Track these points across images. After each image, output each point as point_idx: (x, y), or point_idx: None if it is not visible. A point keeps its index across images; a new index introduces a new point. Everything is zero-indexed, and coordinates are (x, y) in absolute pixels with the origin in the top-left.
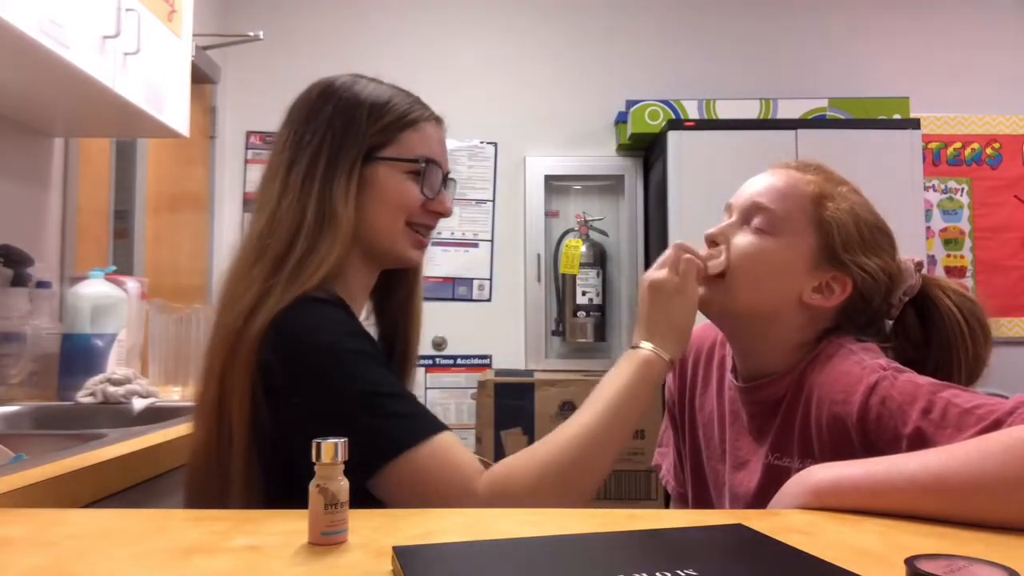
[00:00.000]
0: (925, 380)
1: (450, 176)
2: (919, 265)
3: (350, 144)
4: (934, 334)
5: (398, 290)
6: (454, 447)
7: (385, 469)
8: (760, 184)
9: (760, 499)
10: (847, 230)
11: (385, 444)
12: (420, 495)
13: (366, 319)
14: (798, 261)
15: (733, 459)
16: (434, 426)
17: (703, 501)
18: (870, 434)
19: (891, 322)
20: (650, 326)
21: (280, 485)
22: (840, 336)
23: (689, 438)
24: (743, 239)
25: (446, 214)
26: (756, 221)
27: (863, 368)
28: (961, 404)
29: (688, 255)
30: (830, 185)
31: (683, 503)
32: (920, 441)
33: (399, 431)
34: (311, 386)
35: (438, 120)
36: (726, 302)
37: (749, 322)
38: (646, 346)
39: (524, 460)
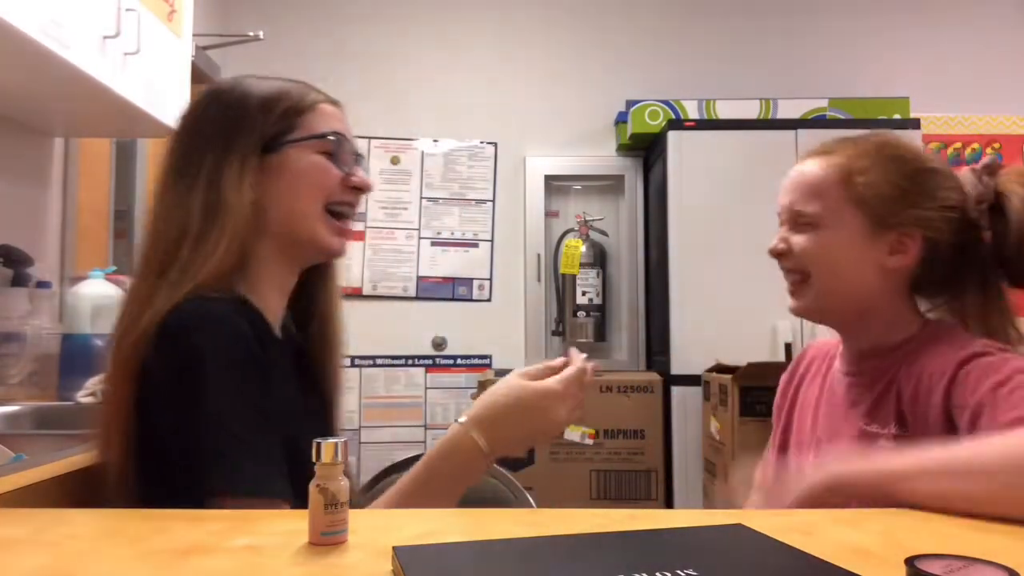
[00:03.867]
0: (1008, 359)
1: (360, 154)
2: (984, 168)
3: (242, 136)
4: (1018, 228)
5: (316, 293)
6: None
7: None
8: (792, 186)
9: None
10: (884, 194)
11: (202, 480)
12: None
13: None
14: (855, 239)
15: (824, 435)
16: (251, 486)
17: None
18: (951, 400)
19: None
20: (508, 429)
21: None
22: (944, 320)
23: (783, 427)
24: (801, 241)
25: (366, 188)
26: (800, 221)
27: (965, 344)
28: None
29: (584, 380)
30: (855, 157)
31: None
32: (978, 413)
33: (217, 472)
34: (171, 394)
35: (335, 102)
36: (819, 300)
37: (849, 308)
38: (472, 434)
39: None
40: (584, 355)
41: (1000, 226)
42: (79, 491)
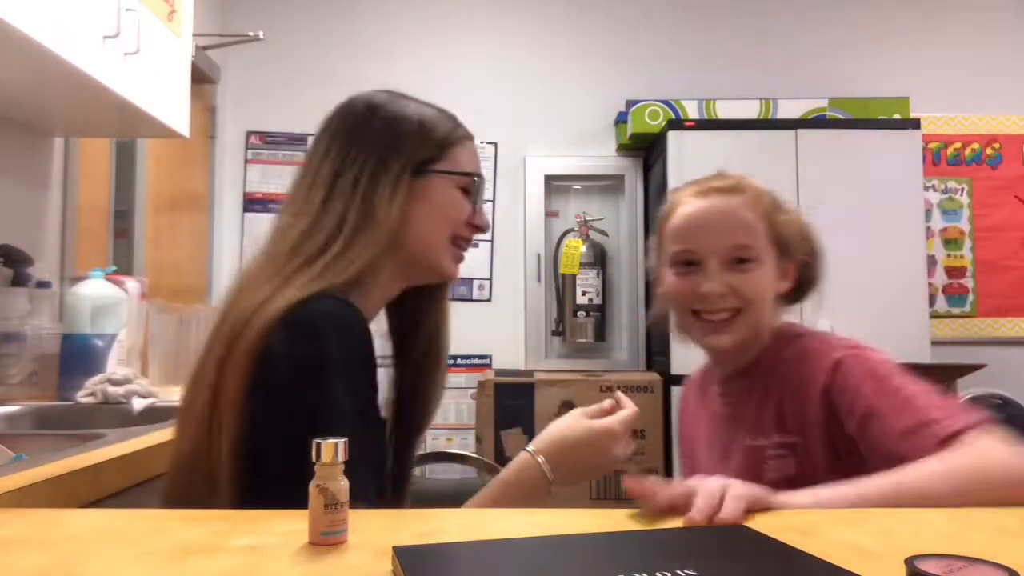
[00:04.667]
0: (880, 359)
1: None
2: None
3: (398, 156)
4: (812, 256)
5: (428, 312)
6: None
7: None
8: (724, 226)
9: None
10: (788, 233)
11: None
12: None
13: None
14: (773, 270)
15: (716, 458)
16: (365, 494)
17: None
18: (832, 400)
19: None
20: (571, 460)
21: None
22: (785, 321)
23: (689, 466)
24: (740, 279)
25: (486, 229)
26: (743, 257)
27: (829, 345)
28: (906, 391)
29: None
30: (762, 197)
31: None
32: (867, 420)
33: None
34: (289, 386)
35: (472, 138)
36: (749, 332)
37: (762, 335)
38: (545, 467)
39: None
40: (619, 393)
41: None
42: (87, 489)
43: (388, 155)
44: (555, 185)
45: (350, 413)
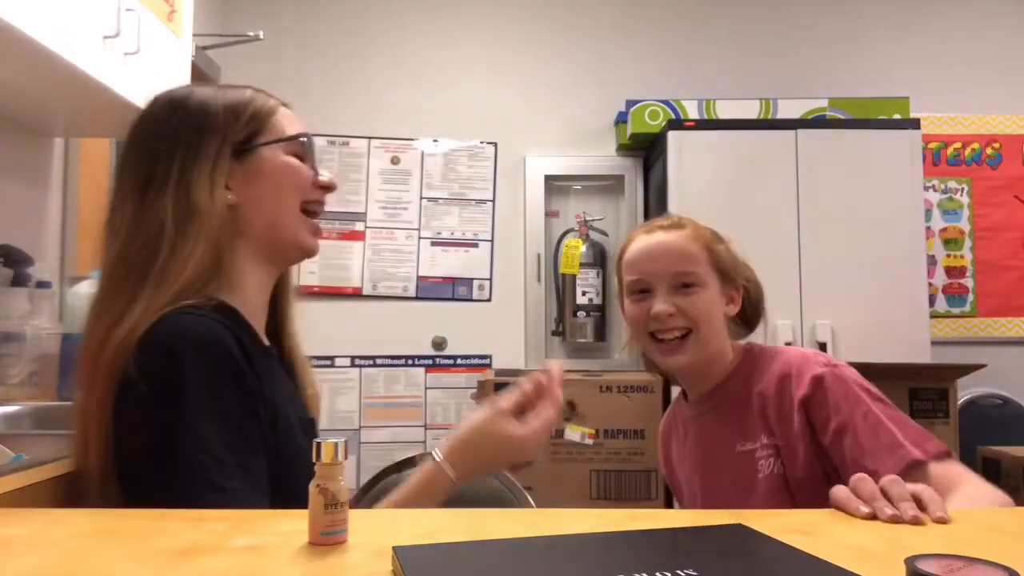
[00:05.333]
0: (855, 379)
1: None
2: None
3: (209, 143)
4: (754, 285)
5: (278, 301)
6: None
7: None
8: (667, 256)
9: (737, 486)
10: (727, 261)
11: (179, 500)
12: None
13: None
14: (716, 294)
15: (710, 473)
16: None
17: None
18: (809, 412)
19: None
20: (470, 451)
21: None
22: (750, 344)
23: (685, 496)
24: (686, 300)
25: (334, 187)
26: (687, 283)
27: (808, 360)
28: (877, 414)
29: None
30: (702, 232)
31: None
32: (841, 433)
33: (195, 495)
34: (144, 414)
35: (288, 105)
36: (701, 351)
37: (713, 354)
38: (445, 464)
39: None
40: (557, 365)
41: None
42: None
43: (199, 143)
44: (555, 185)
45: (215, 436)
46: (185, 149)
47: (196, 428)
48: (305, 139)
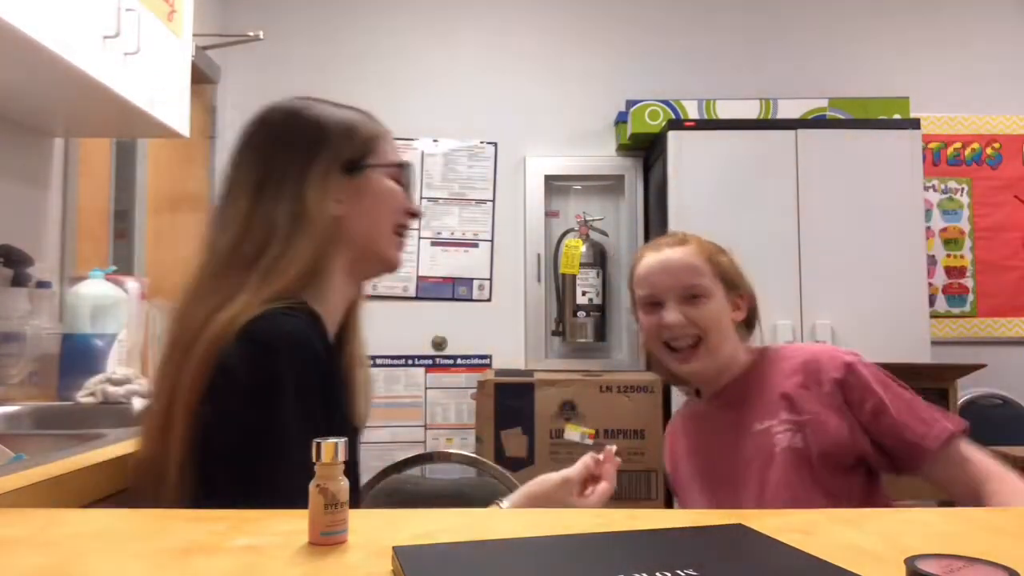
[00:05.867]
0: (877, 367)
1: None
2: None
3: (322, 156)
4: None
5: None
6: None
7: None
8: (672, 271)
9: (753, 463)
10: (731, 271)
11: (259, 498)
12: None
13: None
14: (723, 303)
15: (725, 457)
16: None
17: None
18: (846, 393)
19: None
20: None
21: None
22: (767, 344)
23: (707, 494)
24: (694, 311)
25: (420, 214)
26: (695, 294)
27: (834, 349)
28: (906, 395)
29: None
30: (705, 246)
31: None
32: (879, 411)
33: (274, 495)
34: (240, 404)
35: (391, 132)
36: (712, 359)
37: (724, 359)
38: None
39: None
40: (613, 447)
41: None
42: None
43: (314, 156)
44: (555, 185)
45: (297, 438)
46: (301, 157)
47: (287, 428)
48: (406, 167)
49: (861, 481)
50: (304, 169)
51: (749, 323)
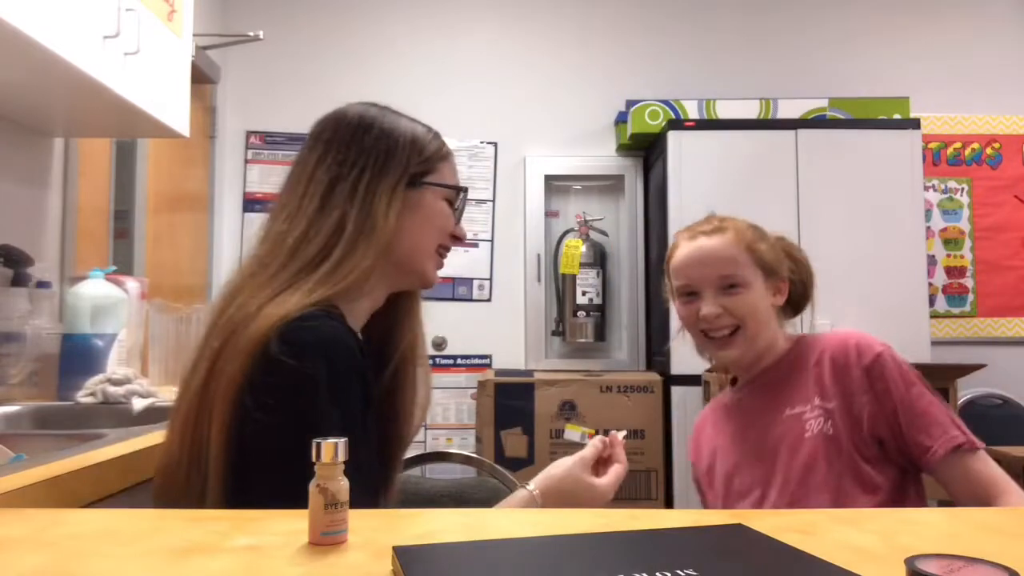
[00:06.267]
0: (905, 362)
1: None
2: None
3: (393, 167)
4: (800, 273)
5: (399, 314)
6: None
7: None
8: (709, 261)
9: (777, 452)
10: (770, 257)
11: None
12: None
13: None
14: (762, 290)
15: (752, 442)
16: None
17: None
18: (872, 382)
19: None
20: (568, 489)
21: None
22: (803, 333)
23: (724, 484)
24: (730, 301)
25: (464, 239)
26: (731, 284)
27: (868, 337)
28: (927, 397)
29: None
30: (744, 232)
31: None
32: (896, 413)
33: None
34: (295, 398)
35: (453, 155)
36: (750, 346)
37: (764, 346)
38: (541, 501)
39: None
40: (624, 433)
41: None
42: (87, 488)
43: (386, 165)
44: (555, 185)
45: (339, 428)
46: (375, 165)
47: (327, 425)
48: (462, 192)
49: (895, 475)
50: (377, 178)
51: (796, 305)
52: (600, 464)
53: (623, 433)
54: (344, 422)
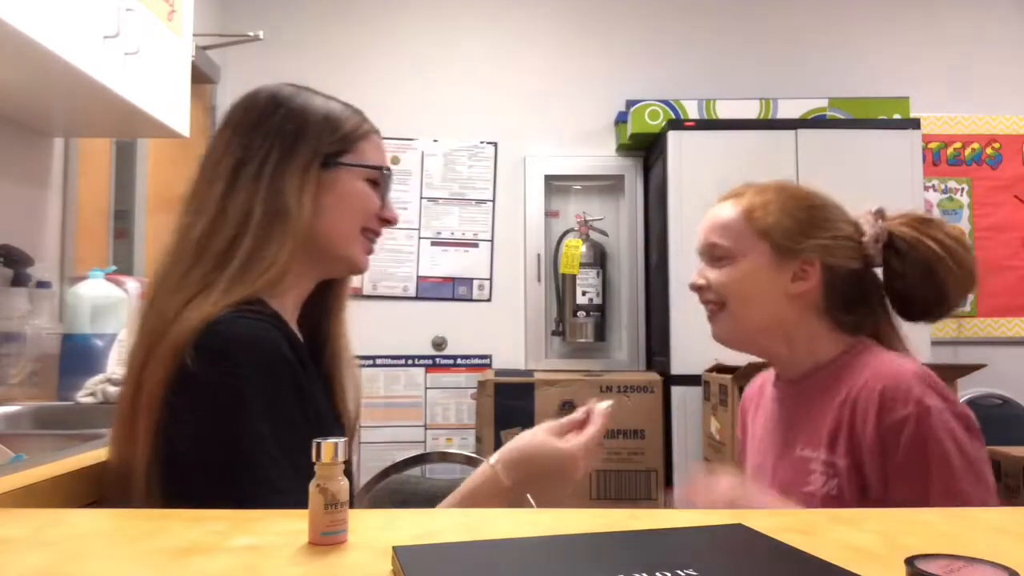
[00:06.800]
0: (948, 435)
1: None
2: (878, 213)
3: (303, 147)
4: (911, 266)
5: (330, 300)
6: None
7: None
8: (706, 225)
9: (786, 490)
10: (782, 225)
11: (241, 497)
12: None
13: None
14: (763, 268)
15: (766, 459)
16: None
17: None
18: (886, 448)
19: (882, 272)
20: (525, 461)
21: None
22: (866, 341)
23: (741, 454)
24: (716, 274)
25: (395, 222)
26: (715, 255)
27: (906, 390)
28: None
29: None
30: (754, 196)
31: None
32: (887, 477)
33: (262, 495)
34: (204, 412)
35: (379, 133)
36: (735, 326)
37: (763, 334)
38: (499, 471)
39: None
40: (608, 403)
41: (894, 262)
42: (87, 488)
43: (295, 145)
44: (555, 185)
45: (269, 439)
46: (282, 146)
47: (257, 428)
48: (385, 171)
49: None
50: (284, 159)
51: (850, 284)
52: (577, 432)
53: (607, 403)
54: (272, 424)
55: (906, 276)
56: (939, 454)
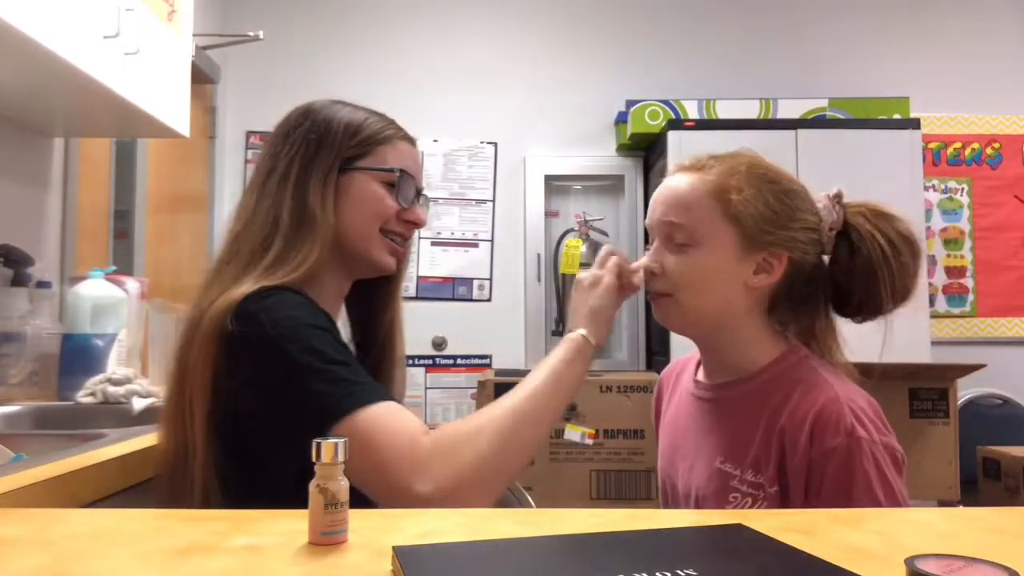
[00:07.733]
0: (873, 474)
1: (424, 192)
2: (836, 197)
3: (324, 154)
4: (859, 258)
5: (379, 300)
6: (400, 412)
7: (331, 431)
8: (665, 200)
9: (703, 501)
10: (758, 214)
11: (330, 406)
12: (366, 454)
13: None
14: (728, 258)
15: (682, 463)
16: (379, 394)
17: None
18: (810, 474)
19: (828, 257)
20: (575, 316)
21: (247, 484)
22: (799, 350)
23: (658, 451)
24: (672, 260)
25: (420, 224)
26: (676, 238)
27: (838, 415)
28: None
29: (614, 256)
30: (728, 175)
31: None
32: (808, 495)
33: (344, 394)
34: (262, 357)
35: (411, 140)
36: (680, 316)
37: (711, 326)
38: (572, 332)
39: (467, 421)
40: (606, 247)
41: (842, 253)
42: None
43: (317, 153)
44: (555, 185)
45: (325, 352)
46: (304, 155)
47: (311, 346)
48: (399, 173)
49: None
50: (307, 166)
51: (795, 301)
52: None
53: (606, 247)
54: (320, 343)
55: (851, 272)
56: (864, 485)
